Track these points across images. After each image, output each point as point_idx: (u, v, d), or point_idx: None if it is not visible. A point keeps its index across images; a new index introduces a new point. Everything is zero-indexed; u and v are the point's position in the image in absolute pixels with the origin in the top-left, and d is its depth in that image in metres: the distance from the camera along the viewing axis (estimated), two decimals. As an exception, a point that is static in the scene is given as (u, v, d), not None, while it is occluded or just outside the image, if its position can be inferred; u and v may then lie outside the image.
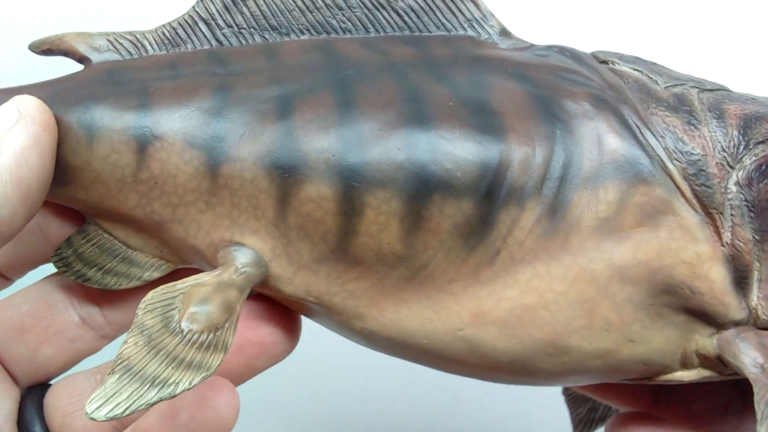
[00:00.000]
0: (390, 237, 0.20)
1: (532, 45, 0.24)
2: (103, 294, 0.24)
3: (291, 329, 0.23)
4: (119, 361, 0.18)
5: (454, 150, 0.20)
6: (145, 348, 0.19)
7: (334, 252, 0.21)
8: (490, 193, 0.20)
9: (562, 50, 0.23)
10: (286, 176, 0.21)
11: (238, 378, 0.23)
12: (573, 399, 0.30)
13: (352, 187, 0.20)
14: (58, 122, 0.21)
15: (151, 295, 0.20)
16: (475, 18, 0.24)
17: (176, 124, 0.21)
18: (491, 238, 0.21)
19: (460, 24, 0.24)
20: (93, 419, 0.18)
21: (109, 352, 0.23)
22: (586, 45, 0.25)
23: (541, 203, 0.21)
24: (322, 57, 0.23)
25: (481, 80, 0.22)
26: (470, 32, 0.24)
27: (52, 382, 0.25)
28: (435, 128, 0.20)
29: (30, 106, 0.20)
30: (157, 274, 0.23)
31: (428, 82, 0.21)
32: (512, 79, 0.22)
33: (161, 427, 0.22)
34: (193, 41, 0.23)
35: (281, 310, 0.23)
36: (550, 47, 0.23)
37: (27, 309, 0.24)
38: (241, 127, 0.21)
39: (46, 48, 0.24)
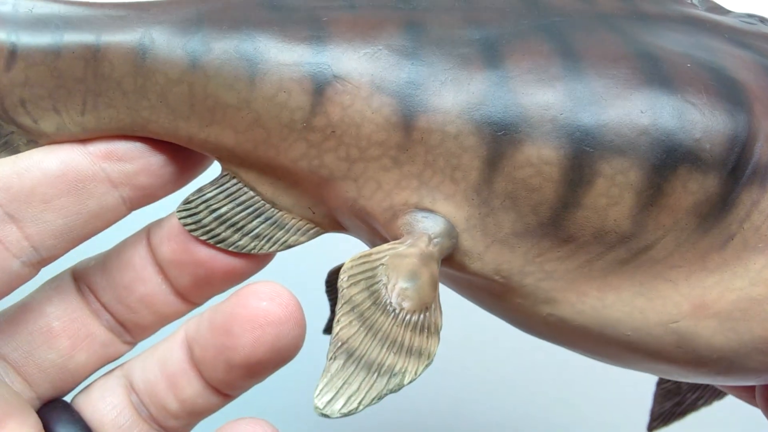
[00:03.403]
0: (619, 213, 0.18)
1: (729, 10, 0.22)
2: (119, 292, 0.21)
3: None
4: (339, 344, 0.17)
5: (704, 118, 0.18)
6: (362, 329, 0.17)
7: (542, 226, 0.18)
8: (736, 170, 0.18)
9: (762, 20, 0.22)
10: (500, 134, 0.17)
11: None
12: (665, 393, 0.28)
13: (583, 151, 0.17)
14: (210, 49, 0.17)
15: (350, 265, 0.17)
16: None
17: (362, 63, 0.18)
18: (728, 220, 0.18)
19: None
20: (325, 416, 0.16)
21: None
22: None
23: None
24: (519, 0, 0.19)
25: (702, 42, 0.19)
26: None
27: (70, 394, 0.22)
28: (680, 91, 0.18)
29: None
30: (303, 240, 0.20)
31: (650, 38, 0.19)
32: (734, 45, 0.20)
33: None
34: None
35: None
36: (750, 15, 0.22)
37: (53, 311, 0.21)
38: (442, 72, 0.18)
39: None
